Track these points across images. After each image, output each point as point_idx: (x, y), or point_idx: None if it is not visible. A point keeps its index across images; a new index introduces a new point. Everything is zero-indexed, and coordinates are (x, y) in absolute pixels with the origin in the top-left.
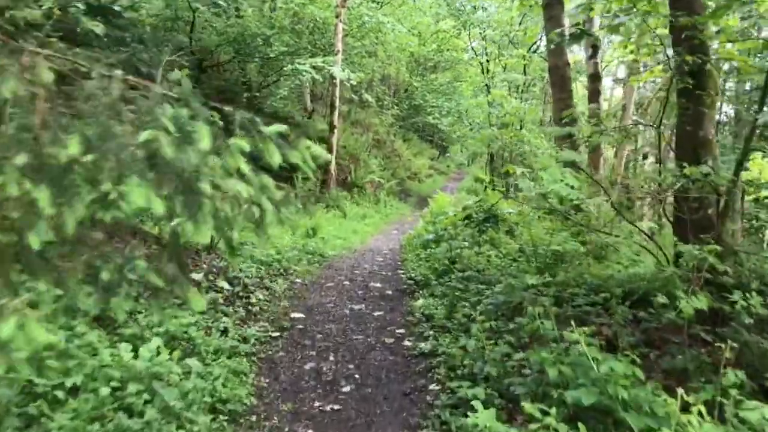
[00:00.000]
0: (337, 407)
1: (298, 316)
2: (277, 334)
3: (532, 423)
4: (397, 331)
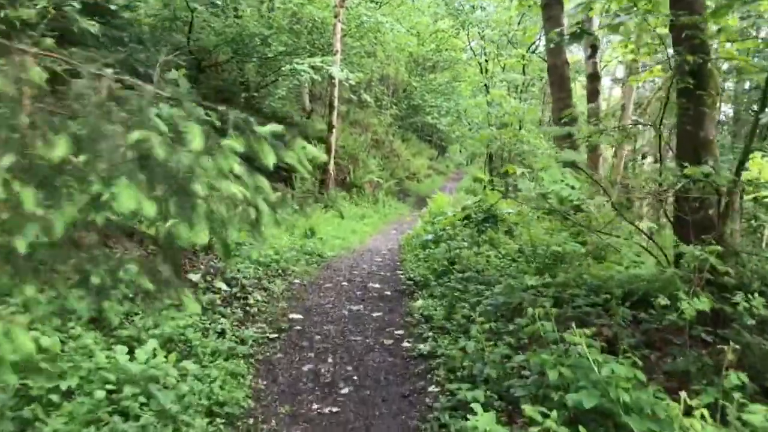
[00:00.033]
0: (335, 409)
1: (296, 317)
2: (275, 335)
3: (533, 426)
4: (396, 332)
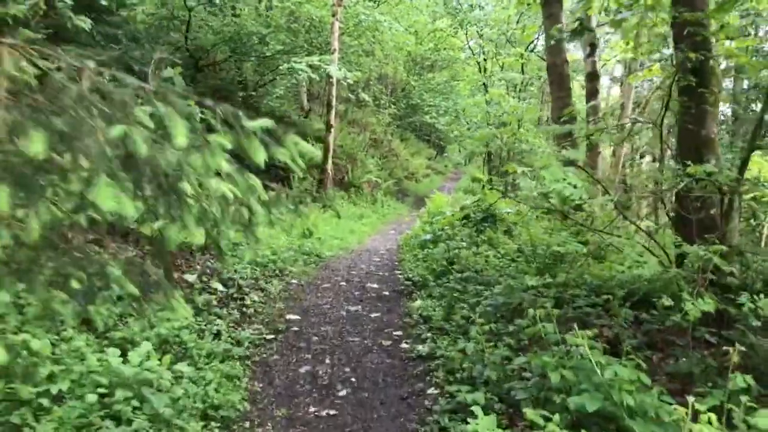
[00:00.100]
0: (332, 412)
1: (293, 317)
2: (271, 336)
3: (534, 429)
4: (395, 333)
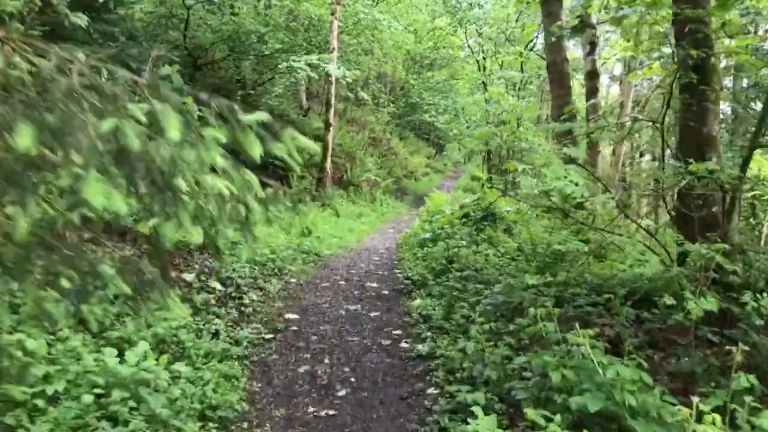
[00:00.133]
0: (332, 412)
1: (292, 317)
2: (270, 336)
3: (535, 430)
4: (394, 332)
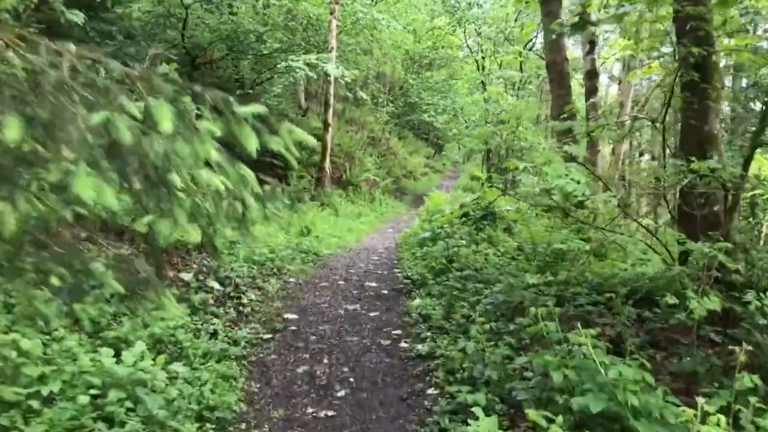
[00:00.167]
0: (331, 413)
1: (291, 317)
2: (269, 336)
3: (537, 431)
4: (394, 332)
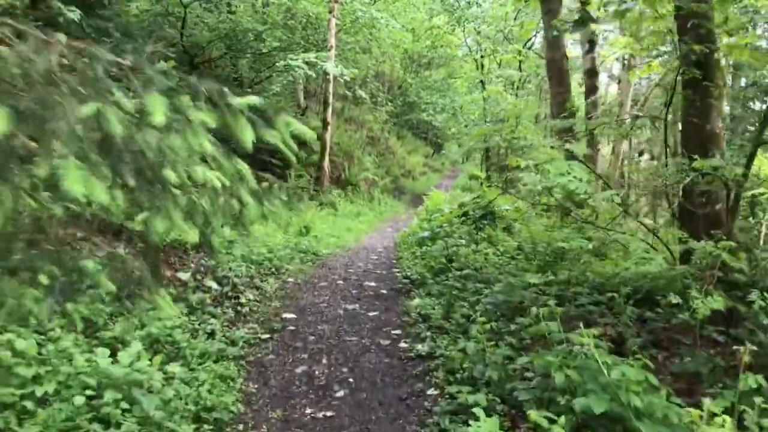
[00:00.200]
0: (329, 414)
1: (289, 316)
2: (267, 336)
3: None
4: (393, 332)
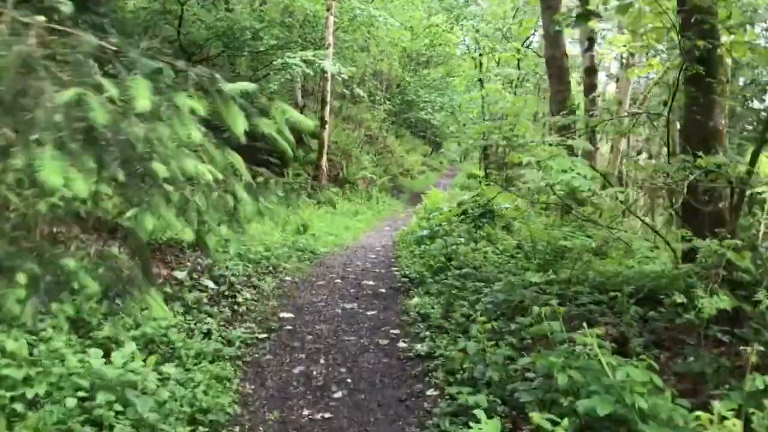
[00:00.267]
0: (327, 415)
1: (287, 316)
2: (264, 335)
3: None
4: (392, 331)
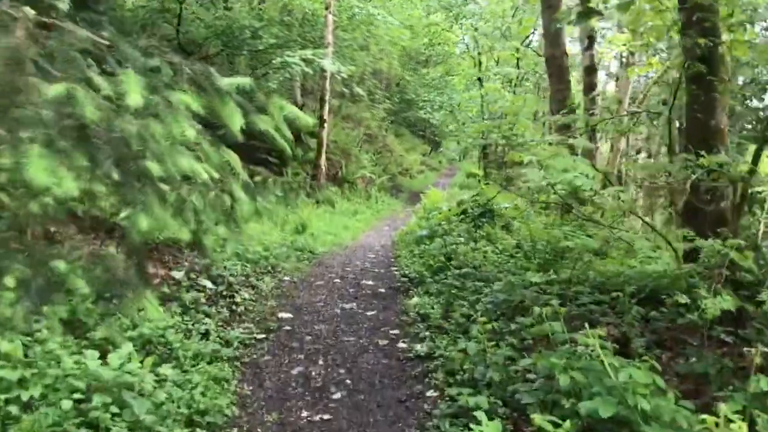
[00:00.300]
0: (326, 417)
1: (285, 316)
2: (262, 336)
3: None
4: (391, 331)
